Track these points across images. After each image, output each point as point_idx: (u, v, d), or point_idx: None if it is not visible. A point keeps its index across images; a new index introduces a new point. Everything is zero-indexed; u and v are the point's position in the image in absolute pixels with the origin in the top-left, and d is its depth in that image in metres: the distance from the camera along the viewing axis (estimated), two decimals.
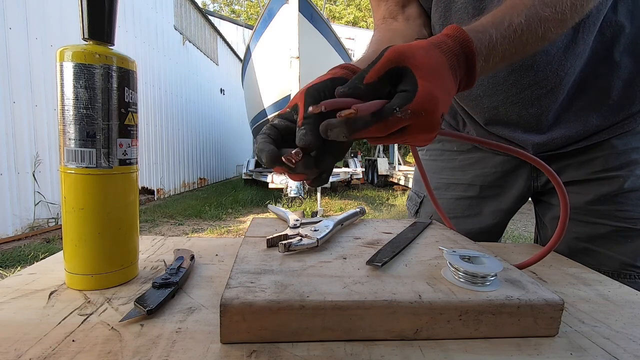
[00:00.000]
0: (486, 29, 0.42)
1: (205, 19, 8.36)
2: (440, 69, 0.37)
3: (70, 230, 0.43)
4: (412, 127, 0.36)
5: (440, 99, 0.36)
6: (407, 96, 0.35)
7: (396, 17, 0.71)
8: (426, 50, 0.37)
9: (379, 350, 0.33)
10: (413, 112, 0.35)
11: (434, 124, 0.36)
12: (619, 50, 0.61)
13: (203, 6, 15.86)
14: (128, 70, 0.43)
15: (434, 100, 0.35)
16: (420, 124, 0.36)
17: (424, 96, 0.35)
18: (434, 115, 0.36)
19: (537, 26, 0.43)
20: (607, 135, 0.65)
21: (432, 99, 0.35)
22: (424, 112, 0.35)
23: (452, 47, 0.39)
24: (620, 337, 0.37)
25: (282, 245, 0.46)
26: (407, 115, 0.35)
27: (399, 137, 0.38)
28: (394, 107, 0.35)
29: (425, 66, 0.36)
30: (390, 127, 0.35)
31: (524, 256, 0.64)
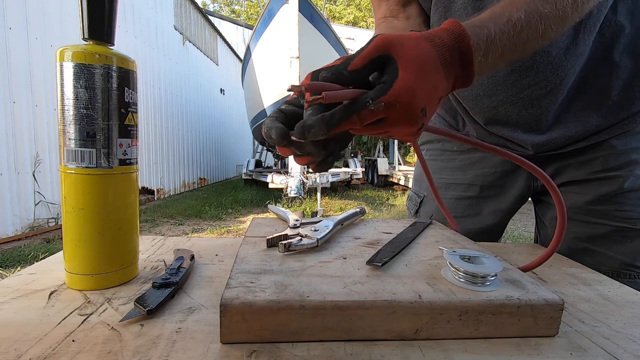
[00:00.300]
0: (484, 23, 0.41)
1: (205, 19, 8.36)
2: (428, 61, 0.36)
3: (70, 230, 0.43)
4: (388, 120, 0.36)
5: (420, 92, 0.35)
6: (383, 88, 0.34)
7: (397, 16, 0.72)
8: (416, 42, 0.36)
9: (379, 350, 0.33)
10: (387, 104, 0.34)
11: (411, 117, 0.36)
12: (618, 51, 0.61)
13: (203, 6, 15.86)
14: (128, 70, 0.43)
15: (410, 92, 0.35)
16: (395, 117, 0.35)
17: (400, 89, 0.34)
18: (410, 108, 0.35)
19: (537, 22, 0.42)
20: (607, 136, 0.65)
21: (408, 92, 0.34)
22: (399, 105, 0.34)
23: (446, 41, 0.38)
24: (620, 337, 0.37)
25: (282, 245, 0.46)
26: (380, 108, 0.34)
27: (378, 128, 0.37)
28: (367, 100, 0.34)
29: (410, 57, 0.35)
30: (364, 120, 0.35)
31: (524, 256, 0.64)
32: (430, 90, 0.37)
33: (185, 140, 7.27)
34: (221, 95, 9.86)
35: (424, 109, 0.36)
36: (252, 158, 7.98)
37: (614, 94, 0.62)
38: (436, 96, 0.38)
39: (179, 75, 6.90)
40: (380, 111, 0.34)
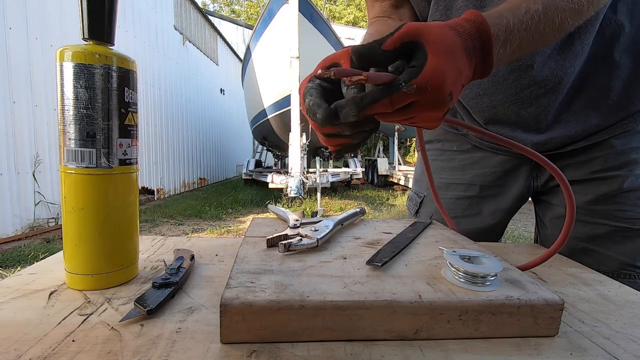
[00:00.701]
0: (503, 14, 0.41)
1: (205, 19, 8.36)
2: (454, 48, 0.37)
3: (70, 230, 0.43)
4: (418, 104, 0.36)
5: (449, 76, 0.36)
6: (414, 71, 0.35)
7: (390, 16, 0.74)
8: (442, 29, 0.37)
9: (379, 350, 0.33)
10: (418, 87, 0.35)
11: (440, 101, 0.36)
12: (618, 50, 0.61)
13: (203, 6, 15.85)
14: (128, 70, 0.43)
15: (441, 76, 0.35)
16: (425, 101, 0.36)
17: (431, 71, 0.35)
18: (440, 92, 0.35)
19: (553, 15, 0.43)
20: (607, 135, 0.65)
21: (438, 75, 0.35)
22: (430, 87, 0.35)
23: (469, 30, 0.38)
24: (620, 337, 0.37)
25: (282, 245, 0.46)
26: (413, 90, 0.35)
27: (406, 114, 0.38)
28: (400, 82, 0.35)
29: (438, 43, 0.36)
30: (396, 102, 0.36)
31: (524, 256, 0.64)
32: (457, 76, 0.37)
33: (185, 140, 7.27)
34: (221, 95, 9.86)
35: (451, 93, 0.37)
36: (252, 158, 7.99)
37: (613, 93, 0.62)
38: (460, 82, 0.38)
39: (179, 75, 6.90)
40: (411, 94, 0.35)
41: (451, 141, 0.84)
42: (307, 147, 4.94)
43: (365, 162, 9.57)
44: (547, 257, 0.49)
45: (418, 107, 0.37)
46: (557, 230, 0.73)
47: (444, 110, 0.38)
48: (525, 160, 0.74)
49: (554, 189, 0.74)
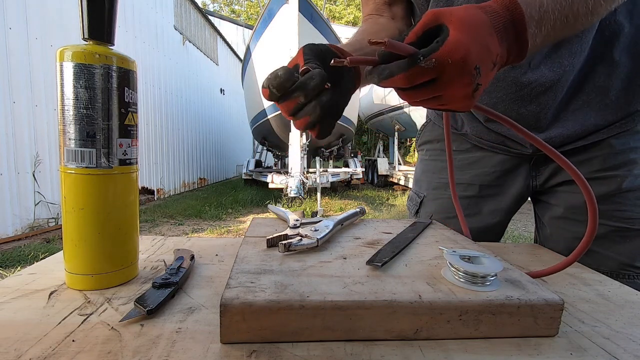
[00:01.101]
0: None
1: (205, 19, 8.36)
2: (479, 24, 0.36)
3: (70, 230, 0.43)
4: (440, 80, 0.35)
5: (473, 50, 0.34)
6: (435, 46, 0.34)
7: (382, 14, 0.75)
8: (466, 9, 0.36)
9: (379, 350, 0.33)
10: (438, 61, 0.33)
11: (464, 75, 0.34)
12: (617, 50, 0.61)
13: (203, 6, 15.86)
14: (128, 70, 0.43)
15: (462, 48, 0.33)
16: (448, 76, 0.34)
17: (452, 45, 0.33)
18: (463, 65, 0.34)
19: None
20: (605, 135, 0.65)
21: (460, 47, 0.33)
22: (451, 61, 0.33)
23: (497, 9, 0.37)
24: (620, 337, 0.37)
25: (282, 245, 0.46)
26: (432, 64, 0.34)
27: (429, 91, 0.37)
28: (419, 56, 0.34)
29: (461, 19, 0.35)
30: (413, 77, 0.35)
31: (524, 256, 0.64)
32: (484, 51, 0.35)
33: (185, 140, 7.27)
34: (221, 95, 9.86)
35: (477, 68, 0.35)
36: (252, 158, 7.98)
37: (612, 93, 0.62)
38: (490, 59, 0.36)
39: (179, 75, 6.90)
40: (430, 68, 0.34)
41: (451, 141, 0.84)
42: (307, 147, 4.94)
43: (365, 162, 9.57)
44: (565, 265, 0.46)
45: (441, 84, 0.35)
46: (556, 230, 0.73)
47: (471, 86, 0.36)
48: (524, 160, 0.75)
49: (553, 188, 0.74)
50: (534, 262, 0.61)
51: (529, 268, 0.57)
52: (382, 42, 0.34)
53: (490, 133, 0.74)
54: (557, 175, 0.72)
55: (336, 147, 7.65)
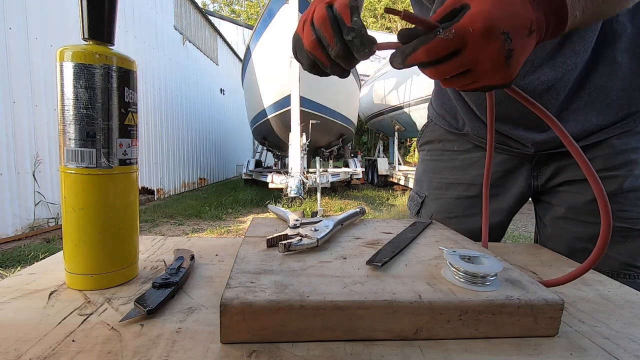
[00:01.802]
0: None
1: (205, 19, 8.36)
2: None
3: (70, 230, 0.43)
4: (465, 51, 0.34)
5: (496, 15, 0.32)
6: (456, 19, 0.34)
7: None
8: None
9: (379, 350, 0.33)
10: (458, 30, 0.32)
11: (491, 41, 0.33)
12: (619, 51, 0.61)
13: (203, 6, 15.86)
14: (128, 70, 0.43)
15: (485, 14, 0.32)
16: (472, 46, 0.33)
17: (472, 14, 0.32)
18: (487, 32, 0.32)
19: None
20: (607, 135, 0.65)
21: (480, 15, 0.32)
22: (473, 29, 0.32)
23: None
24: (620, 337, 0.37)
25: (282, 245, 0.46)
26: (451, 35, 0.33)
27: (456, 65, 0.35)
28: (437, 29, 0.33)
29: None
30: (436, 49, 0.34)
31: (524, 256, 0.64)
32: (511, 16, 0.34)
33: (185, 140, 7.27)
34: (221, 95, 9.86)
35: (507, 33, 0.33)
36: (252, 158, 7.98)
37: (613, 93, 0.62)
38: (523, 25, 0.35)
39: (179, 75, 6.90)
40: (450, 39, 0.33)
41: (452, 141, 0.84)
42: (307, 147, 4.94)
43: (365, 162, 9.57)
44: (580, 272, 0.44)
45: (466, 55, 0.34)
46: (557, 231, 0.73)
47: (501, 53, 0.33)
48: (525, 160, 0.75)
49: (554, 189, 0.74)
50: (534, 262, 0.61)
51: (529, 268, 0.57)
52: (399, 11, 0.33)
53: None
54: (558, 175, 0.72)
55: (336, 147, 7.65)
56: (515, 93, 0.44)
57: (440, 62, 0.36)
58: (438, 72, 0.37)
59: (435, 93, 0.89)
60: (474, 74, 0.36)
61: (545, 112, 0.43)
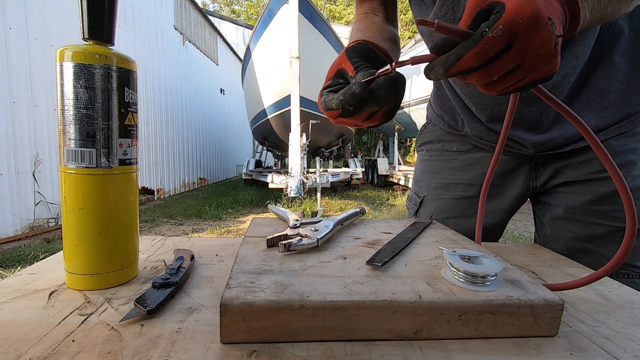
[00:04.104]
0: None
1: (205, 19, 8.36)
2: None
3: (70, 230, 0.43)
4: (516, 45, 0.32)
5: (538, 2, 0.31)
6: (496, 16, 0.32)
7: (376, 14, 0.78)
8: None
9: (379, 350, 0.33)
10: (506, 24, 0.31)
11: (542, 28, 0.31)
12: (617, 53, 0.61)
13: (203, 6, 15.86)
14: (128, 70, 0.43)
15: (528, 3, 0.31)
16: (524, 36, 0.32)
17: (516, 4, 0.31)
18: (536, 17, 0.31)
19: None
20: (605, 137, 0.65)
21: (525, 3, 0.31)
22: (521, 19, 0.31)
23: None
24: (620, 337, 0.37)
25: (282, 245, 0.46)
26: (500, 31, 0.31)
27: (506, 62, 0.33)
28: (483, 30, 0.32)
29: None
30: (487, 50, 0.32)
31: (524, 256, 0.64)
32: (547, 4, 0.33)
33: (185, 140, 7.27)
34: (221, 95, 9.86)
35: (551, 19, 0.32)
36: (252, 158, 7.99)
37: (612, 95, 0.63)
38: (556, 13, 0.34)
39: (179, 75, 6.90)
40: (500, 35, 0.31)
41: (451, 142, 0.84)
42: (307, 147, 4.94)
43: (365, 162, 9.57)
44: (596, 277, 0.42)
45: (518, 48, 0.32)
46: (556, 231, 0.73)
47: (552, 40, 0.32)
48: (525, 161, 0.75)
49: (553, 189, 0.74)
50: (534, 262, 0.61)
51: (529, 268, 0.57)
52: (431, 22, 0.32)
53: (490, 133, 0.74)
54: (557, 176, 0.72)
55: (336, 147, 7.66)
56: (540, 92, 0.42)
57: (491, 62, 0.34)
58: (487, 74, 0.35)
59: (434, 94, 0.89)
60: (523, 68, 0.34)
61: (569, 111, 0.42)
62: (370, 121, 0.46)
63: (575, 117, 0.42)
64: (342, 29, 10.51)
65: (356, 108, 0.42)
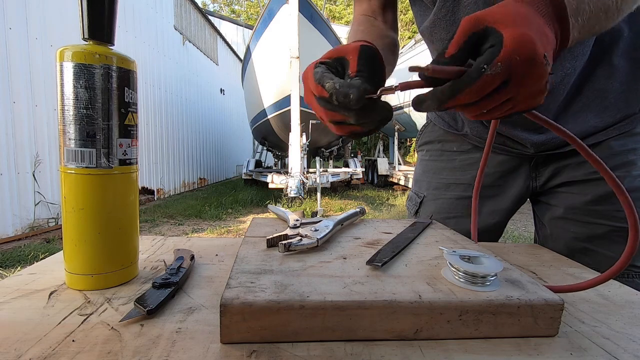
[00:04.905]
0: None
1: (205, 19, 8.36)
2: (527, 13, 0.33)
3: (70, 230, 0.43)
4: (513, 81, 0.32)
5: (535, 38, 0.31)
6: (493, 50, 0.31)
7: (376, 17, 0.76)
8: (505, 6, 0.34)
9: (379, 350, 0.33)
10: (504, 62, 0.31)
11: (537, 67, 0.32)
12: (617, 54, 0.61)
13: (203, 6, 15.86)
14: (128, 70, 0.43)
15: (527, 39, 0.31)
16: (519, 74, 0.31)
17: (513, 40, 0.31)
18: (533, 56, 0.31)
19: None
20: (605, 137, 0.65)
21: (523, 39, 0.31)
22: (519, 57, 0.31)
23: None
24: (620, 337, 0.37)
25: (282, 245, 0.46)
26: (498, 69, 0.31)
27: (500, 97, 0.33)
28: (481, 66, 0.31)
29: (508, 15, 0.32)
30: (482, 89, 0.32)
31: (524, 256, 0.64)
32: (543, 37, 0.33)
33: (185, 140, 7.27)
34: (221, 95, 9.86)
35: (545, 56, 0.32)
36: (252, 158, 7.99)
37: (611, 96, 0.63)
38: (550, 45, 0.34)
39: (179, 75, 6.90)
40: (499, 72, 0.31)
41: (451, 142, 0.84)
42: (307, 147, 4.94)
43: (365, 162, 9.57)
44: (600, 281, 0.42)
45: (514, 85, 0.32)
46: (556, 231, 0.73)
47: (545, 77, 0.33)
48: (524, 161, 0.75)
49: (552, 189, 0.74)
50: (534, 262, 0.61)
51: (529, 268, 0.57)
52: (425, 68, 0.32)
53: None
54: (557, 176, 0.72)
55: (336, 147, 7.66)
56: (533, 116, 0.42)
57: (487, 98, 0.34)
58: (480, 108, 0.35)
59: None
60: (514, 101, 0.34)
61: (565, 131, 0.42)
62: (337, 127, 0.43)
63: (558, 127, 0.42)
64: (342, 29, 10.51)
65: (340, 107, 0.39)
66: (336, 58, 0.43)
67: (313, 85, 0.41)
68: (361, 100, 0.36)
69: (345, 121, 0.41)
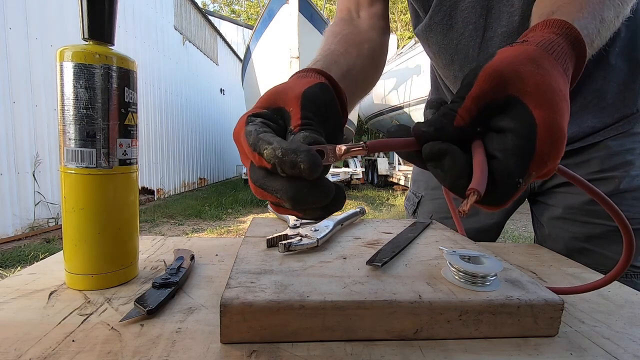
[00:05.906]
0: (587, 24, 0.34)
1: (205, 19, 8.36)
2: (559, 83, 0.28)
3: (70, 230, 0.43)
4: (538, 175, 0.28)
5: (564, 124, 0.26)
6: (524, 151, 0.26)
7: (360, 13, 0.68)
8: (537, 64, 0.28)
9: (379, 350, 0.33)
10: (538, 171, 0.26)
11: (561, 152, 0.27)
12: (614, 54, 0.61)
13: (203, 6, 15.86)
14: (128, 70, 0.43)
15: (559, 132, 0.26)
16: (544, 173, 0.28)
17: (546, 138, 0.26)
18: (560, 151, 0.27)
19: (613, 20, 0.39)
20: (602, 137, 0.65)
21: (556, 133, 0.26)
22: (550, 160, 0.26)
23: (565, 49, 0.30)
24: (620, 337, 0.37)
25: (282, 245, 0.46)
26: (532, 176, 0.27)
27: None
28: (517, 181, 0.26)
29: (540, 88, 0.26)
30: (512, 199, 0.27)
31: (524, 256, 0.64)
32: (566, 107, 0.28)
33: (185, 140, 7.28)
34: (221, 95, 9.86)
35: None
36: None
37: (608, 96, 0.63)
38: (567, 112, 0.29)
39: (179, 75, 6.90)
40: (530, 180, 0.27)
41: None
42: None
43: (365, 162, 9.57)
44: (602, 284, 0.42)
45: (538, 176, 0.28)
46: (554, 231, 0.73)
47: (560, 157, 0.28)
48: None
49: (550, 190, 0.74)
50: (534, 262, 0.61)
51: (528, 268, 0.57)
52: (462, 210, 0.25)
53: None
54: (555, 176, 0.72)
55: None
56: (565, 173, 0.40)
57: None
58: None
59: (432, 94, 0.90)
60: None
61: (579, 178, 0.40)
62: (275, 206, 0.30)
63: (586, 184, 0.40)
64: None
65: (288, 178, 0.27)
66: (272, 109, 0.33)
67: (248, 151, 0.28)
68: (316, 167, 0.26)
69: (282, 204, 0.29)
